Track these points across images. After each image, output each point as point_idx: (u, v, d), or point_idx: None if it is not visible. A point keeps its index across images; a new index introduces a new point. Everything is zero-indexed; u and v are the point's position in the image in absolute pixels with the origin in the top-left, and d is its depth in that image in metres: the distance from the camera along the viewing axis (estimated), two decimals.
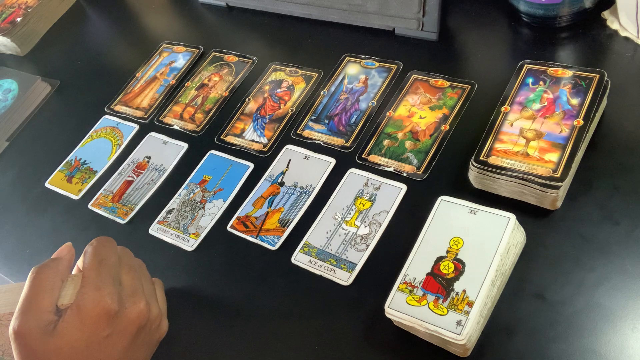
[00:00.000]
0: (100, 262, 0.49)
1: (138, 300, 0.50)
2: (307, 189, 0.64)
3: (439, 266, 0.48)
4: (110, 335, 0.47)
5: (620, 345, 0.45)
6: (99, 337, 0.46)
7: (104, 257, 0.50)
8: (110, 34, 0.98)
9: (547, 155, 0.52)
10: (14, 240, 0.73)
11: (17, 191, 0.79)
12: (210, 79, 0.80)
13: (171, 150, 0.74)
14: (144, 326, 0.50)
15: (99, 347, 0.46)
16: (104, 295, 0.47)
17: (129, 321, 0.48)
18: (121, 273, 0.51)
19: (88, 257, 0.49)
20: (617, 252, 0.49)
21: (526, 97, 0.57)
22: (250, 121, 0.73)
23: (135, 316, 0.49)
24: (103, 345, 0.47)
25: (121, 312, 0.48)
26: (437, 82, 0.67)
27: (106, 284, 0.48)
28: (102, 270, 0.49)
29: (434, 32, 0.71)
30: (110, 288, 0.48)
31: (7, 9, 1.02)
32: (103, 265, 0.49)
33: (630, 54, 0.62)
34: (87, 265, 0.49)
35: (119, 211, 0.70)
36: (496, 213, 0.49)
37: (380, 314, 0.49)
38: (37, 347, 0.44)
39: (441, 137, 0.62)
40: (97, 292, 0.47)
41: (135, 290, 0.51)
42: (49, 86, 0.91)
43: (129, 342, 0.49)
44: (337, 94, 0.71)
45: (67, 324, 0.45)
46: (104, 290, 0.47)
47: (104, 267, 0.49)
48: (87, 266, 0.49)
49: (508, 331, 0.48)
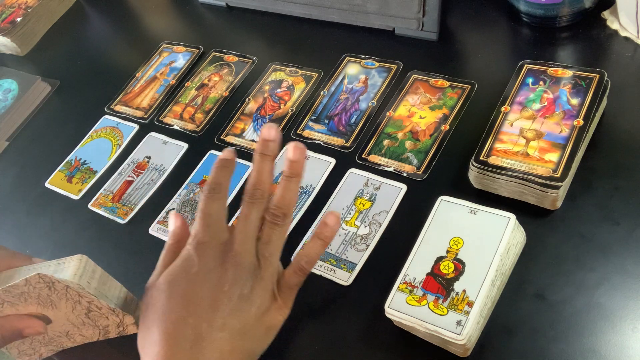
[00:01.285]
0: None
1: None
2: (307, 189, 0.64)
3: (439, 266, 0.48)
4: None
5: (620, 345, 0.45)
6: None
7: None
8: (110, 34, 0.98)
9: (547, 155, 0.52)
10: (14, 240, 0.73)
11: (17, 191, 0.79)
12: (210, 79, 0.80)
13: (171, 150, 0.74)
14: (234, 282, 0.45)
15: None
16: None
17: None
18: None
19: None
20: (617, 252, 0.49)
21: (526, 97, 0.57)
22: (250, 121, 0.73)
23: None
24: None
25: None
26: (437, 82, 0.67)
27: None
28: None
29: (434, 32, 0.71)
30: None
31: (7, 9, 1.02)
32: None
33: (630, 54, 0.62)
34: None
35: (119, 211, 0.70)
36: (496, 213, 0.49)
37: (380, 314, 0.49)
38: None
39: (441, 137, 0.62)
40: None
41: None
42: (49, 86, 0.91)
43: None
44: (337, 94, 0.71)
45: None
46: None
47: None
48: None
49: (508, 331, 0.48)
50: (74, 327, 0.54)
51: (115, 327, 0.55)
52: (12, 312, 0.50)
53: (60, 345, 0.57)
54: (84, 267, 0.49)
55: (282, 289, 0.47)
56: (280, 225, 0.47)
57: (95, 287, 0.49)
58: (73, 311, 0.52)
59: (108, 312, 0.52)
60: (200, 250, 0.45)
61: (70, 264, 0.48)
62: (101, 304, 0.50)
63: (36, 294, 0.49)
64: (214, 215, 0.47)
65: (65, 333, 0.55)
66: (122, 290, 0.54)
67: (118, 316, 0.53)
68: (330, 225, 0.48)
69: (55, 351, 0.58)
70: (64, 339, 0.56)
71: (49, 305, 0.50)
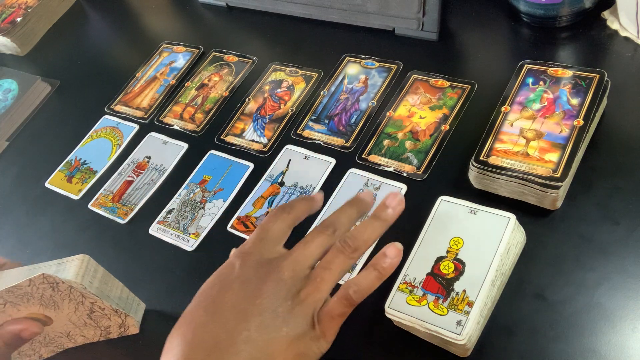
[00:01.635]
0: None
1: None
2: (307, 189, 0.64)
3: (439, 266, 0.48)
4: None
5: (620, 345, 0.45)
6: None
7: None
8: (110, 34, 0.98)
9: (547, 155, 0.52)
10: (14, 240, 0.73)
11: (17, 191, 0.79)
12: (210, 79, 0.80)
13: (171, 150, 0.74)
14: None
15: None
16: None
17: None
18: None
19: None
20: (617, 252, 0.49)
21: (526, 97, 0.57)
22: (250, 121, 0.73)
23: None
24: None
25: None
26: (437, 82, 0.67)
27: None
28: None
29: (434, 32, 0.71)
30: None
31: (7, 9, 1.01)
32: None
33: (630, 54, 0.62)
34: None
35: (119, 211, 0.70)
36: (496, 213, 0.49)
37: (380, 314, 0.49)
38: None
39: (441, 137, 0.62)
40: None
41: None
42: (49, 86, 0.91)
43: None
44: (337, 94, 0.71)
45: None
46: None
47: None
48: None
49: (508, 331, 0.48)
50: (76, 328, 0.54)
51: (117, 328, 0.55)
52: (13, 313, 0.50)
53: (60, 346, 0.57)
54: (86, 266, 0.49)
55: (323, 317, 0.41)
56: (347, 256, 0.42)
57: (97, 286, 0.49)
58: (75, 312, 0.52)
59: (110, 313, 0.52)
60: (244, 259, 0.43)
61: (72, 264, 0.48)
62: (104, 305, 0.50)
63: (39, 294, 0.49)
64: (272, 232, 0.44)
65: (67, 334, 0.55)
66: (124, 290, 0.54)
67: (120, 317, 0.53)
68: (389, 256, 0.43)
69: (55, 352, 0.58)
70: (65, 340, 0.56)
71: (52, 306, 0.50)
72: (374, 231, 0.44)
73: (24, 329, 0.51)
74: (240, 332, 0.39)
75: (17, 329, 0.50)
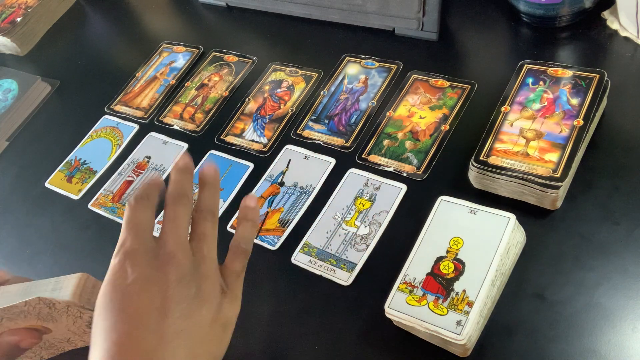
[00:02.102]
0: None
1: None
2: (307, 189, 0.64)
3: (439, 266, 0.48)
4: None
5: (620, 345, 0.45)
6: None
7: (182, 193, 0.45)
8: (110, 34, 0.98)
9: (547, 155, 0.52)
10: (14, 240, 0.73)
11: (17, 191, 0.79)
12: (210, 79, 0.80)
13: (171, 150, 0.74)
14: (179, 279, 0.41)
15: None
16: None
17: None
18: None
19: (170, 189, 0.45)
20: (617, 252, 0.49)
21: (526, 97, 0.57)
22: (250, 121, 0.73)
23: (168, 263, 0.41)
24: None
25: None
26: (437, 82, 0.67)
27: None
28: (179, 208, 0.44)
29: (434, 32, 0.71)
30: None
31: (7, 9, 1.02)
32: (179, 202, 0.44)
33: (630, 54, 0.62)
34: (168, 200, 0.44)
35: (119, 211, 0.70)
36: (496, 213, 0.49)
37: (380, 314, 0.49)
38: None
39: (441, 137, 0.62)
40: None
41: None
42: (49, 86, 0.91)
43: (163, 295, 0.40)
44: (337, 94, 0.71)
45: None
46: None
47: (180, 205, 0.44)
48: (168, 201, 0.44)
49: (508, 331, 0.48)
50: (75, 335, 0.54)
51: None
52: (11, 325, 0.50)
53: (61, 349, 0.57)
54: (84, 284, 0.48)
55: (228, 279, 0.43)
56: (210, 220, 0.44)
57: (95, 301, 0.49)
58: (74, 324, 0.51)
59: None
60: (131, 258, 0.41)
61: (69, 282, 0.48)
62: None
63: (36, 312, 0.48)
64: (144, 223, 0.42)
65: (66, 339, 0.55)
66: None
67: None
68: (251, 206, 0.47)
69: (56, 354, 0.58)
70: (65, 344, 0.56)
71: (50, 320, 0.50)
72: (214, 195, 0.46)
73: (23, 340, 0.50)
74: (168, 328, 0.38)
75: (15, 339, 0.50)
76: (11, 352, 0.50)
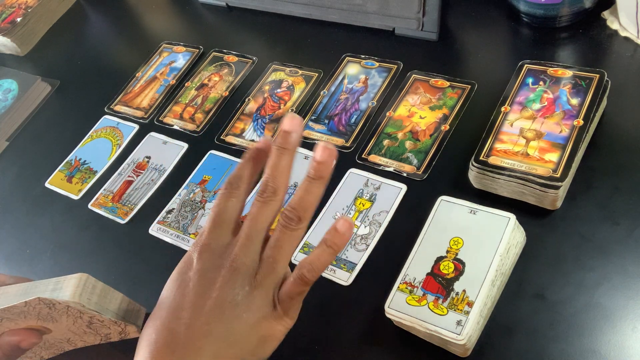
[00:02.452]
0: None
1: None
2: None
3: (439, 266, 0.48)
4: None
5: (620, 345, 0.45)
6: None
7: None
8: (110, 34, 0.98)
9: (547, 155, 0.52)
10: (14, 241, 0.73)
11: (17, 191, 0.79)
12: (210, 79, 0.80)
13: (171, 150, 0.74)
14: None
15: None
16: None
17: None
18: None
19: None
20: (617, 252, 0.49)
21: (526, 97, 0.57)
22: (250, 121, 0.73)
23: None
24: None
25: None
26: (437, 82, 0.67)
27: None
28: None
29: (434, 32, 0.71)
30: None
31: (7, 9, 1.02)
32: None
33: (630, 54, 0.62)
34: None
35: (119, 211, 0.70)
36: (496, 213, 0.49)
37: (380, 314, 0.49)
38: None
39: (441, 137, 0.62)
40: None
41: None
42: (49, 86, 0.91)
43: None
44: (337, 94, 0.71)
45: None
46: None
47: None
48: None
49: (508, 331, 0.48)
50: (75, 335, 0.54)
51: (117, 334, 0.55)
52: (11, 325, 0.50)
53: (61, 349, 0.57)
54: (84, 285, 0.48)
55: (283, 297, 0.42)
56: (293, 229, 0.42)
57: (95, 302, 0.49)
58: (74, 324, 0.51)
59: (110, 323, 0.52)
60: (201, 252, 0.42)
61: (69, 283, 0.48)
62: (103, 318, 0.50)
63: (36, 312, 0.48)
64: (226, 214, 0.43)
65: (67, 339, 0.55)
66: (124, 300, 0.54)
67: (120, 326, 0.53)
68: (341, 231, 0.42)
69: (56, 354, 0.58)
70: (65, 344, 0.56)
71: (50, 320, 0.50)
72: (313, 195, 0.42)
73: (23, 340, 0.50)
74: (200, 327, 0.39)
75: (15, 340, 0.50)
76: (11, 353, 0.50)
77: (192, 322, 0.40)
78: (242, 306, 0.40)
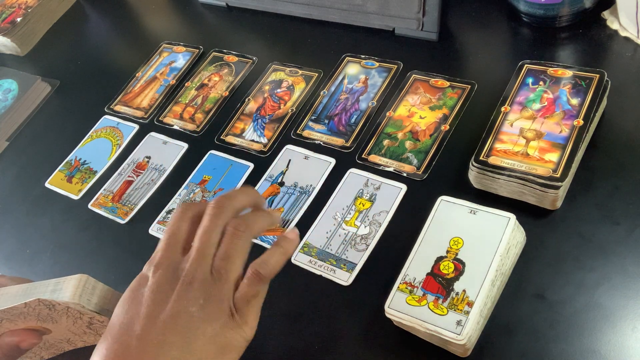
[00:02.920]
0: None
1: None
2: (307, 189, 0.64)
3: (439, 266, 0.48)
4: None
5: (620, 345, 0.45)
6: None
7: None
8: (110, 34, 0.98)
9: (547, 155, 0.52)
10: (14, 241, 0.73)
11: (17, 191, 0.79)
12: (210, 79, 0.80)
13: (171, 150, 0.74)
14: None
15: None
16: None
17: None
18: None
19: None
20: (617, 252, 0.49)
21: (526, 97, 0.57)
22: (250, 121, 0.73)
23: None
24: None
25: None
26: (437, 82, 0.67)
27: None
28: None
29: (434, 32, 0.71)
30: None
31: (7, 9, 1.02)
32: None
33: (630, 54, 0.62)
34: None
35: (119, 211, 0.70)
36: (496, 213, 0.49)
37: (380, 314, 0.49)
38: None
39: (441, 137, 0.62)
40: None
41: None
42: (49, 86, 0.91)
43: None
44: (337, 94, 0.71)
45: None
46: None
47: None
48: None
49: (508, 331, 0.48)
50: (75, 335, 0.54)
51: None
52: (11, 326, 0.50)
53: (61, 349, 0.57)
54: (84, 285, 0.48)
55: (239, 304, 0.42)
56: (241, 236, 0.43)
57: (95, 302, 0.49)
58: (74, 324, 0.51)
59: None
60: (155, 270, 0.43)
61: (69, 284, 0.48)
62: (103, 318, 0.50)
63: (36, 313, 0.48)
64: (179, 235, 0.44)
65: (67, 340, 0.55)
66: None
67: None
68: (291, 237, 0.46)
69: (56, 354, 0.58)
70: (65, 344, 0.56)
71: (49, 321, 0.50)
72: (262, 219, 0.45)
73: (23, 340, 0.50)
74: (154, 337, 0.39)
75: (15, 340, 0.50)
76: (11, 353, 0.50)
77: (146, 334, 0.40)
78: (198, 318, 0.41)
